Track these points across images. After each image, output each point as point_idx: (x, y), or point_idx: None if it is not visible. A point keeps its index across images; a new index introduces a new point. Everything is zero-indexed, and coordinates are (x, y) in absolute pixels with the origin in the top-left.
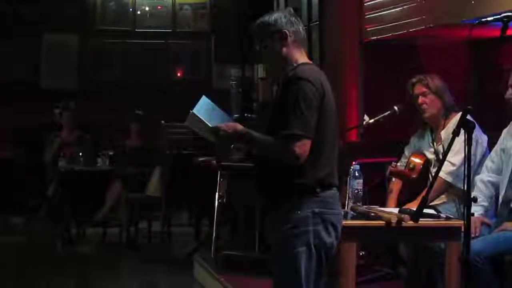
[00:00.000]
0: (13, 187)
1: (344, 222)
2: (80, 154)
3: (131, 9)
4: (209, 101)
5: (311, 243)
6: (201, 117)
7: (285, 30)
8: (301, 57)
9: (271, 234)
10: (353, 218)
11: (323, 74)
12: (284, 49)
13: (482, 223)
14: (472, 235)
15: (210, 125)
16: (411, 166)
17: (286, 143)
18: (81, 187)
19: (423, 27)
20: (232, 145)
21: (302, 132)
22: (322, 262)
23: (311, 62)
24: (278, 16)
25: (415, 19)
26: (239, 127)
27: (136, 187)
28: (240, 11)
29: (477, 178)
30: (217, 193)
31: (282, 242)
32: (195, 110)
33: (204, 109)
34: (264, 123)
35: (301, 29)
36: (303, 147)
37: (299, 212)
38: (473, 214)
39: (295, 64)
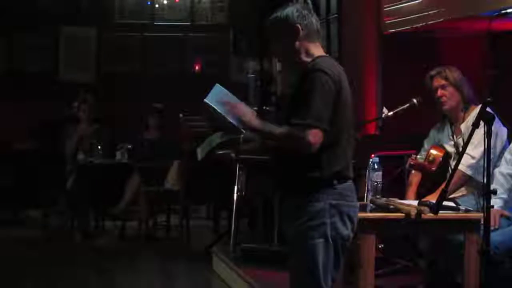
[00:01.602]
0: (31, 180)
1: (363, 214)
2: (99, 147)
3: (149, 3)
4: (222, 88)
5: (328, 235)
6: (213, 106)
7: (297, 25)
8: (317, 50)
9: (288, 227)
10: (372, 210)
11: (340, 67)
12: (298, 43)
13: (501, 216)
14: (491, 228)
15: (223, 114)
16: (430, 158)
17: (299, 131)
18: (100, 180)
19: (442, 19)
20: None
21: (314, 122)
22: (339, 254)
23: (327, 55)
24: (290, 11)
25: (434, 11)
26: (256, 122)
27: (155, 180)
28: (258, 4)
29: (497, 170)
30: (235, 186)
31: (300, 234)
32: (207, 99)
33: (218, 97)
34: (282, 115)
35: (313, 21)
36: (316, 136)
37: (316, 204)
38: (492, 207)
39: (312, 57)
